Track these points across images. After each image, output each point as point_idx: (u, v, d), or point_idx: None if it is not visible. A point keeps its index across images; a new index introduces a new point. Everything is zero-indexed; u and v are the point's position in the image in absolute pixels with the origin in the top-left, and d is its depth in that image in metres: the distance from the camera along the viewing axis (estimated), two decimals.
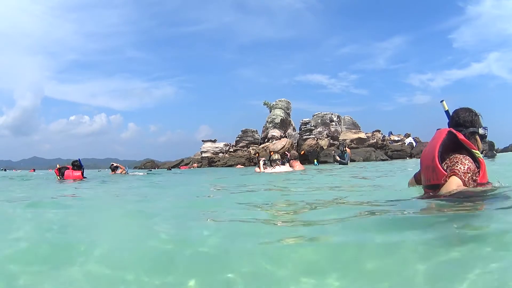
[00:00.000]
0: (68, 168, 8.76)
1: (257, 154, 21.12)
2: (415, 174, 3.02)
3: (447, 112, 2.75)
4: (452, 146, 2.44)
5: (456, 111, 2.63)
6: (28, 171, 30.76)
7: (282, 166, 9.62)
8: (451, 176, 2.30)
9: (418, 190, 2.79)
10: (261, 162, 10.25)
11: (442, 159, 2.42)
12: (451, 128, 2.49)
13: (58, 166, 9.13)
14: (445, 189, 2.29)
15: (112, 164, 11.96)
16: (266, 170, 9.67)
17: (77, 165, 8.68)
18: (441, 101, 2.80)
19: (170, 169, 19.77)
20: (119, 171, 11.74)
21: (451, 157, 2.40)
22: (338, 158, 14.21)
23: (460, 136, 2.40)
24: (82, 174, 8.62)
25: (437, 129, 2.59)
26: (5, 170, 41.98)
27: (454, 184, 2.26)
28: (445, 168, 2.37)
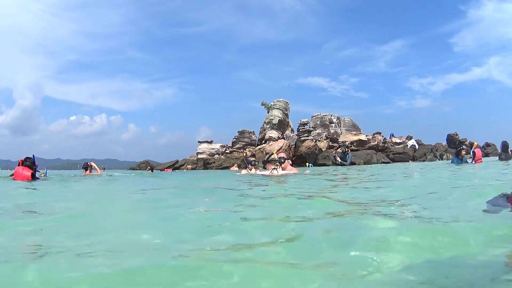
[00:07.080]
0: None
1: (244, 154, 19.76)
2: None
3: None
4: None
5: None
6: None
7: (280, 170, 7.66)
8: None
9: None
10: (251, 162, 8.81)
11: None
12: None
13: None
14: None
15: (86, 163, 10.86)
16: (261, 172, 7.99)
17: (31, 162, 7.32)
18: None
19: (152, 171, 18.21)
20: (94, 171, 10.63)
21: None
22: (339, 159, 13.22)
23: None
24: (33, 174, 7.29)
25: None
26: None
27: None
28: None
